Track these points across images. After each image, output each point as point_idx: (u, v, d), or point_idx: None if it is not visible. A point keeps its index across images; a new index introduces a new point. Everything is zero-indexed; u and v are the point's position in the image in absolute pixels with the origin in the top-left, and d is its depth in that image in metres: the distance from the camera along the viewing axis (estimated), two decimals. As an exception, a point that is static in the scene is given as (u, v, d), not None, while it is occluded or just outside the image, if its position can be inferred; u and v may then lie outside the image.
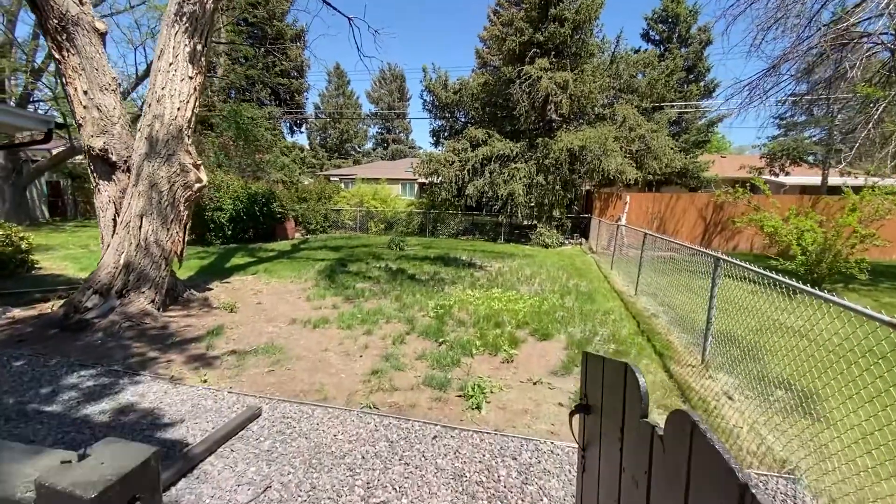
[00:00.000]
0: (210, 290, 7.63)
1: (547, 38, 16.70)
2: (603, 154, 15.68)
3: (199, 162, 6.29)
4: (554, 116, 17.29)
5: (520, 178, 16.21)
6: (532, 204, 16.73)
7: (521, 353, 5.02)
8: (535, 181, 16.35)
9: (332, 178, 30.85)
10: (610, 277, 9.98)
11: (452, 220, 19.76)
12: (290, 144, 38.10)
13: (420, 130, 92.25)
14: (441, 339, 5.29)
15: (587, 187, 20.04)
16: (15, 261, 8.65)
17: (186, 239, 6.43)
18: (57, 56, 5.63)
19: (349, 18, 11.83)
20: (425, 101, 22.05)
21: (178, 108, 5.98)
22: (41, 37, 14.78)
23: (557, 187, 16.42)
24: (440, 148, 22.10)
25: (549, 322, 6.06)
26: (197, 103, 6.32)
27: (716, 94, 27.90)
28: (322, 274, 9.25)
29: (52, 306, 6.09)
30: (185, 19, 5.92)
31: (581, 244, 16.98)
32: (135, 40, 18.13)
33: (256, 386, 4.06)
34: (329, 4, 11.80)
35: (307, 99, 39.92)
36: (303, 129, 47.12)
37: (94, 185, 6.07)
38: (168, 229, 5.99)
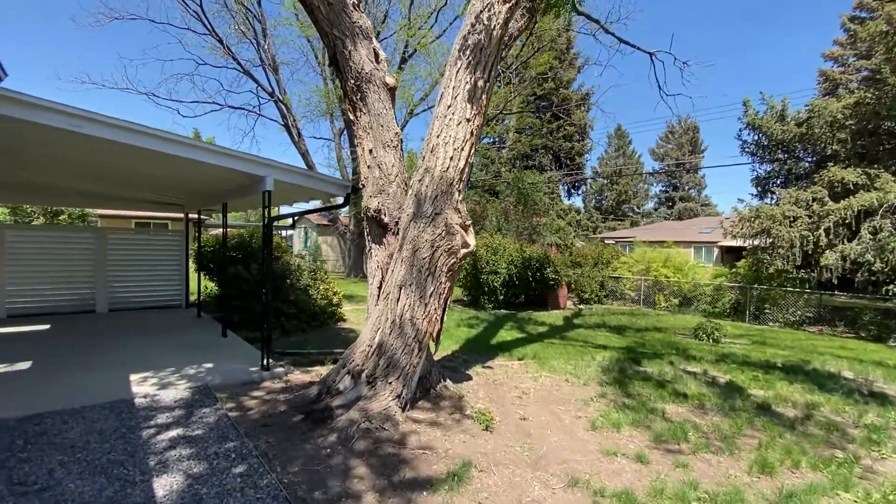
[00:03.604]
0: (469, 378, 6.18)
1: None
2: None
3: (468, 222, 4.99)
4: None
5: (956, 243, 9.41)
6: None
7: None
8: None
9: (606, 241, 28.06)
10: None
11: (792, 302, 13.55)
12: (566, 207, 37.79)
13: (716, 184, 78.22)
14: None
15: None
16: (327, 313, 9.73)
17: (445, 316, 5.13)
18: (352, 118, 5.50)
19: (651, 54, 9.76)
20: (745, 142, 17.06)
21: (451, 157, 4.88)
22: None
23: None
24: (769, 200, 16.34)
25: None
26: (473, 151, 5.14)
27: None
28: (607, 373, 6.61)
29: (322, 373, 5.76)
30: (468, 52, 4.90)
31: None
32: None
33: None
34: (627, 43, 10.03)
35: (587, 161, 39.25)
36: (580, 191, 46.67)
37: (367, 248, 5.58)
38: (425, 304, 4.78)
